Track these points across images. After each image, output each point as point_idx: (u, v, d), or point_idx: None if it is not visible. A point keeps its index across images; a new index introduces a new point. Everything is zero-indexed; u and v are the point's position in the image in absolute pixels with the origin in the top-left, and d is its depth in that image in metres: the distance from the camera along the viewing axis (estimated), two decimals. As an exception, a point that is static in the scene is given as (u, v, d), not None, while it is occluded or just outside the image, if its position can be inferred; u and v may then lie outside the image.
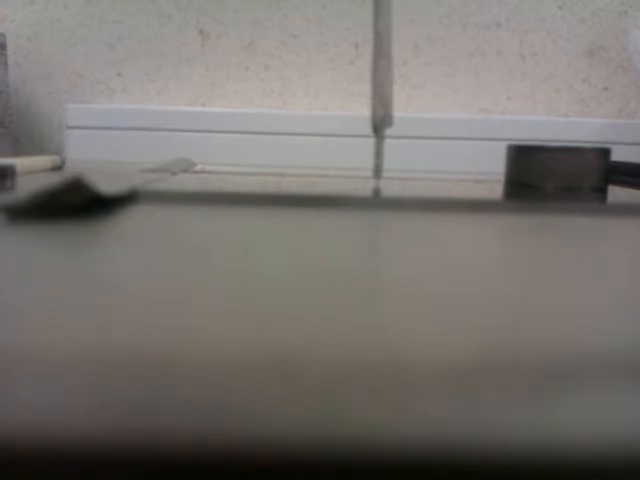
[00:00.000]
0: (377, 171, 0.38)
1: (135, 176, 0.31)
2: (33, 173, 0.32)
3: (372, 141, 0.76)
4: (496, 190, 0.31)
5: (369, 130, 0.76)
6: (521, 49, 0.78)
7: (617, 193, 0.32)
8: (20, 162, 0.30)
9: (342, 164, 0.41)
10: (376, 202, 0.27)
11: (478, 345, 0.09)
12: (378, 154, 0.37)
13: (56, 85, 0.79)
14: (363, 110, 0.77)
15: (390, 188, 0.34)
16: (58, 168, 0.37)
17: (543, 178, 0.27)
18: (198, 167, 0.47)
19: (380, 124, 0.37)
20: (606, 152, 0.27)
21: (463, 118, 0.75)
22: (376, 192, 0.33)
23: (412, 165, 0.72)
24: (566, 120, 0.77)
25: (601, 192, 0.27)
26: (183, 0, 0.77)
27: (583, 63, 0.79)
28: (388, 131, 0.74)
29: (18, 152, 0.74)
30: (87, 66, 0.78)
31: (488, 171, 0.43)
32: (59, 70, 0.78)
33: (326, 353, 0.09)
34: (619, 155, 0.45)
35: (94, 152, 0.72)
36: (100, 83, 0.79)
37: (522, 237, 0.20)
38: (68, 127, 0.74)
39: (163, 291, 0.12)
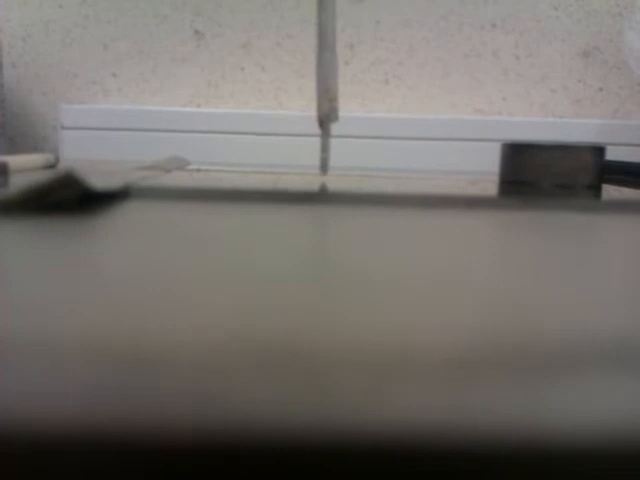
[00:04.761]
0: (324, 166, 0.38)
1: (128, 173, 0.31)
2: (26, 171, 0.32)
3: (367, 142, 0.76)
4: (489, 188, 0.31)
5: (365, 131, 0.76)
6: (516, 50, 0.78)
7: (611, 192, 0.32)
8: (13, 160, 0.30)
9: (336, 164, 0.41)
10: (339, 197, 0.26)
11: (464, 335, 0.09)
12: (324, 149, 0.37)
13: (51, 85, 0.79)
14: (358, 112, 0.77)
15: (388, 186, 0.34)
16: (51, 166, 0.37)
17: (537, 176, 0.27)
18: (193, 167, 0.47)
19: (325, 119, 0.37)
20: (600, 150, 0.27)
21: (458, 119, 0.75)
22: (323, 187, 0.33)
23: (408, 165, 0.72)
24: (561, 121, 0.77)
25: (595, 190, 0.27)
26: (178, 0, 0.77)
27: (578, 64, 0.79)
28: (386, 132, 0.74)
29: (13, 153, 0.74)
30: (82, 66, 0.78)
31: (484, 172, 0.43)
32: (54, 70, 0.78)
33: (312, 342, 0.09)
34: (614, 156, 0.45)
35: (89, 153, 0.71)
36: (95, 83, 0.79)
37: (513, 232, 0.20)
38: (63, 127, 0.74)
39: (151, 283, 0.12)
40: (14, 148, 0.78)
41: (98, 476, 0.07)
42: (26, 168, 0.32)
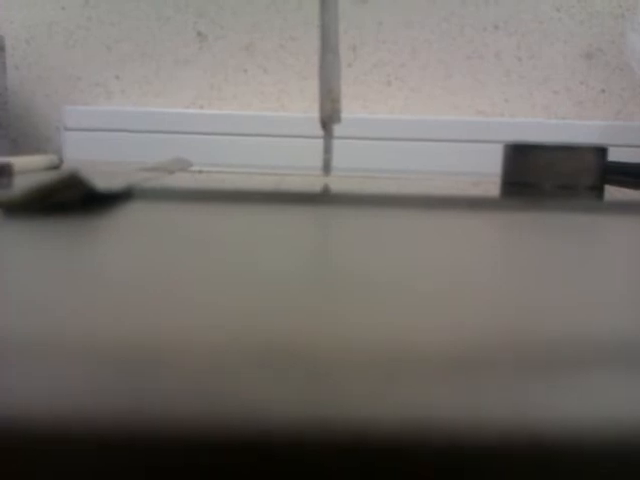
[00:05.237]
0: (326, 167, 0.38)
1: (131, 174, 0.31)
2: (30, 172, 0.32)
3: (370, 143, 0.76)
4: (492, 189, 0.31)
5: (367, 133, 0.76)
6: (519, 51, 0.78)
7: (613, 192, 0.32)
8: (17, 161, 0.30)
9: (339, 165, 0.41)
10: (351, 198, 0.27)
11: (465, 335, 0.09)
12: (327, 150, 0.37)
13: (54, 87, 0.79)
14: (361, 113, 0.77)
15: (391, 187, 0.34)
16: (55, 167, 0.37)
17: (540, 176, 0.27)
18: (195, 168, 0.47)
19: (328, 120, 0.37)
20: (603, 151, 0.27)
21: (460, 120, 0.75)
22: (326, 188, 0.33)
23: (410, 166, 0.72)
24: (564, 122, 0.77)
25: (598, 191, 0.27)
26: (181, 2, 0.77)
27: (581, 65, 0.79)
28: (388, 134, 0.74)
29: (16, 154, 0.74)
30: (85, 68, 0.78)
31: (486, 173, 0.44)
32: (57, 72, 0.78)
33: (313, 342, 0.09)
34: (617, 157, 0.45)
35: (92, 154, 0.72)
36: (98, 85, 0.79)
37: (516, 233, 0.20)
38: (66, 129, 0.74)
39: (154, 284, 0.12)
40: (17, 149, 0.78)
41: (101, 474, 0.07)
42: (30, 169, 0.33)
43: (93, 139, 0.74)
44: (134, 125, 0.74)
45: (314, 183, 0.36)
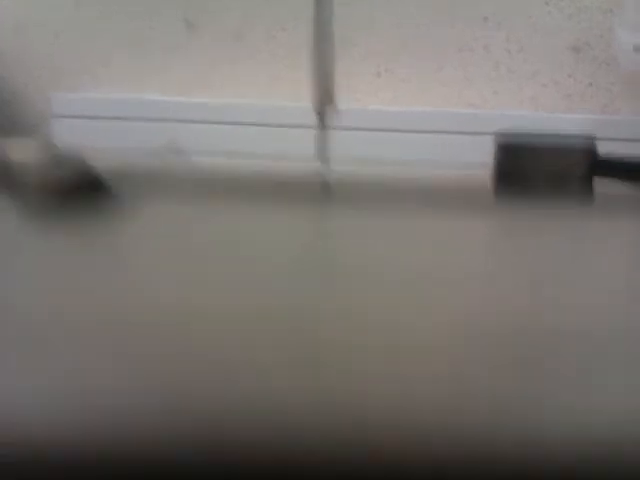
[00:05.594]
0: (320, 156, 0.38)
1: (130, 161, 0.31)
2: (22, 154, 0.32)
3: (360, 134, 0.76)
4: (483, 181, 0.31)
5: (358, 124, 0.76)
6: (508, 44, 0.79)
7: (603, 185, 0.32)
8: (9, 143, 0.30)
9: (330, 156, 0.41)
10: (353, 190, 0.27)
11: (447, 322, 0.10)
12: (321, 139, 0.38)
13: (42, 74, 0.78)
14: (351, 105, 0.77)
15: (384, 179, 0.34)
16: (46, 152, 0.37)
17: (530, 168, 0.27)
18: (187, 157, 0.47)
19: (322, 109, 0.38)
20: (593, 144, 0.28)
21: (450, 112, 0.76)
22: (316, 177, 0.33)
23: (399, 157, 0.72)
24: (551, 115, 0.77)
25: (587, 182, 0.28)
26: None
27: (569, 59, 0.79)
28: (379, 125, 0.74)
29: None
30: (73, 55, 0.78)
31: (476, 163, 0.44)
32: (45, 59, 0.78)
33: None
34: (603, 151, 0.45)
35: (80, 141, 0.71)
36: (86, 73, 0.78)
37: (505, 223, 0.21)
38: (54, 116, 0.74)
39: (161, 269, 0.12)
40: (4, 137, 0.77)
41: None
42: (22, 152, 0.32)
43: (81, 126, 0.74)
44: (122, 112, 0.74)
45: (306, 171, 0.37)
